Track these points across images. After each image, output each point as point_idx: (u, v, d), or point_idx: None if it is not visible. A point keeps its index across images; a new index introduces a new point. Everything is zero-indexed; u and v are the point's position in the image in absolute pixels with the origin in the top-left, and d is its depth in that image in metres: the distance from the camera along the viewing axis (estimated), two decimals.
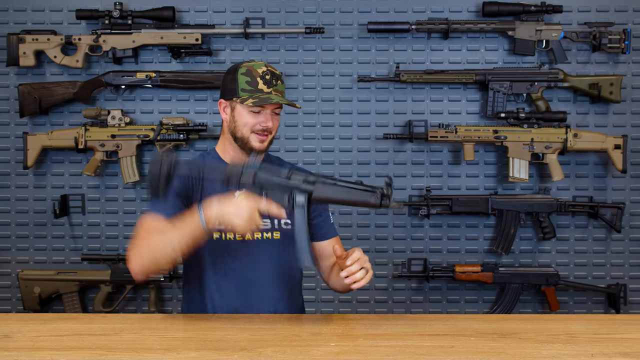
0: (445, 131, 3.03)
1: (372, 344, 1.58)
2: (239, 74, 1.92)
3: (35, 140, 3.06)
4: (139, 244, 1.79)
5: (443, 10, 3.11)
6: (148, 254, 1.75)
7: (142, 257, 1.76)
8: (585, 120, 3.13)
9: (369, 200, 1.67)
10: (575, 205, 3.09)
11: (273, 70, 1.95)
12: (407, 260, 3.13)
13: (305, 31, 3.03)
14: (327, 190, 1.70)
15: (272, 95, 1.90)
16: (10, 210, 3.19)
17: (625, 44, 3.03)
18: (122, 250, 3.17)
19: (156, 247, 1.75)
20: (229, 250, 1.93)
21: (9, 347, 1.55)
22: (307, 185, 1.70)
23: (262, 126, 1.91)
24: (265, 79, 1.91)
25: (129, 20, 3.04)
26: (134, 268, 1.77)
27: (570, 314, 3.08)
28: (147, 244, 1.77)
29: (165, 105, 3.16)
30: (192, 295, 1.99)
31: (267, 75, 1.92)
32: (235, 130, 1.93)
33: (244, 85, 1.91)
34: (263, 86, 1.91)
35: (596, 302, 3.18)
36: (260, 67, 1.93)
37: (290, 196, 1.71)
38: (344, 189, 1.69)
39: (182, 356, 1.48)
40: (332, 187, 1.70)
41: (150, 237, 1.77)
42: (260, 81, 1.91)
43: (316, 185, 1.70)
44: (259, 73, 1.92)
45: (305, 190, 1.71)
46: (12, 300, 3.20)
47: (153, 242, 1.76)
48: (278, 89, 1.94)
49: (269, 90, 1.91)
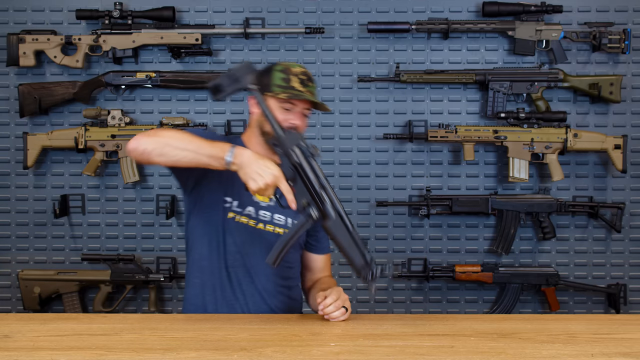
0: (445, 131, 3.03)
1: (372, 344, 1.58)
2: (275, 70, 1.92)
3: (35, 140, 3.06)
4: (156, 131, 1.79)
5: (443, 10, 3.11)
6: (159, 139, 1.75)
7: (150, 138, 1.76)
8: (585, 120, 3.13)
9: (359, 268, 1.70)
10: (575, 205, 3.09)
11: (308, 73, 1.95)
12: (407, 260, 3.13)
13: (305, 31, 3.03)
14: (339, 230, 1.71)
15: (305, 93, 1.90)
16: (10, 210, 3.19)
17: (625, 44, 3.03)
18: (122, 250, 3.17)
19: (170, 140, 1.74)
20: (239, 233, 1.93)
21: (9, 347, 1.55)
22: (330, 210, 1.71)
23: (290, 123, 1.90)
24: (300, 78, 1.91)
25: (129, 20, 3.04)
26: (134, 142, 1.76)
27: (570, 314, 3.08)
28: (163, 134, 1.77)
29: (165, 105, 3.16)
30: (192, 284, 1.99)
31: (302, 75, 1.92)
32: (263, 124, 1.91)
33: (279, 82, 1.90)
34: (297, 85, 1.90)
35: (596, 302, 3.18)
36: (296, 67, 1.94)
37: (309, 203, 1.71)
38: (350, 241, 1.70)
39: (182, 356, 1.48)
40: (343, 230, 1.71)
41: (170, 132, 1.78)
42: (295, 79, 1.91)
43: (334, 217, 1.71)
44: (295, 72, 1.92)
45: (324, 213, 1.71)
46: (12, 300, 3.20)
47: (169, 135, 1.76)
48: (311, 91, 1.93)
49: (302, 89, 1.90)
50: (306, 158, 1.71)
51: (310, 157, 1.72)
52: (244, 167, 1.70)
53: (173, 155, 1.74)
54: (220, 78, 1.75)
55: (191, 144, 1.74)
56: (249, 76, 1.74)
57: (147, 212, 3.18)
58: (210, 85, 1.77)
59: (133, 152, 1.76)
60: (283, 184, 1.70)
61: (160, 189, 3.17)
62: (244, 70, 1.74)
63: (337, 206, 1.71)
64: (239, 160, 1.70)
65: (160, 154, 1.74)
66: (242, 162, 1.70)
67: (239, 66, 1.75)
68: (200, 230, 1.95)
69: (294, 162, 1.71)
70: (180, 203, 3.16)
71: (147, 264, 3.14)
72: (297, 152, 1.71)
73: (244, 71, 1.74)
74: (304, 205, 1.71)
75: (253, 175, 1.68)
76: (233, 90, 1.76)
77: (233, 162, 1.70)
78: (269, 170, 1.69)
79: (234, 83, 1.74)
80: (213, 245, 1.94)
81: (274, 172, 1.69)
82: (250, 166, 1.69)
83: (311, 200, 1.71)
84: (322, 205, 1.71)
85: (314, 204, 1.71)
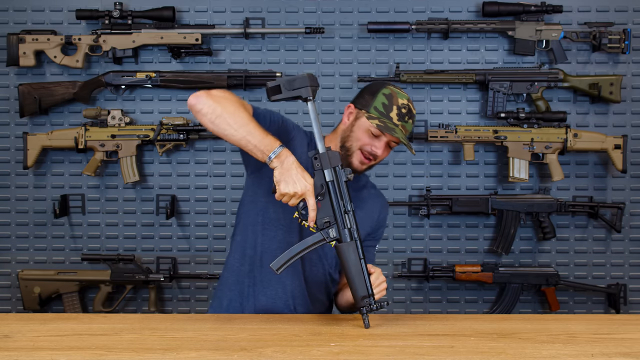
0: (445, 131, 3.03)
1: (372, 344, 1.58)
2: (381, 92, 1.94)
3: (35, 140, 3.06)
4: (223, 94, 1.78)
5: (443, 10, 3.11)
6: (217, 107, 1.74)
7: (210, 101, 1.75)
8: (585, 120, 3.13)
9: (360, 297, 1.71)
10: (575, 205, 3.09)
11: (411, 107, 1.95)
12: (407, 260, 3.13)
13: (305, 31, 3.03)
14: (351, 255, 1.72)
15: (397, 129, 1.91)
16: (10, 210, 3.19)
17: (625, 44, 3.03)
18: (122, 250, 3.17)
19: (227, 113, 1.74)
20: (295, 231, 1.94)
21: (9, 347, 1.55)
22: (347, 233, 1.73)
23: (372, 150, 1.93)
24: (400, 111, 1.92)
25: (129, 20, 3.04)
26: (195, 98, 1.76)
27: (570, 314, 3.08)
28: (225, 104, 1.75)
29: (165, 105, 3.16)
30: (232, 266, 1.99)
31: (403, 108, 1.93)
32: (347, 138, 1.95)
33: (379, 106, 1.92)
34: (395, 116, 1.92)
35: (596, 302, 3.18)
36: (403, 98, 1.94)
37: (330, 222, 1.73)
38: (359, 269, 1.72)
39: (182, 356, 1.48)
40: (355, 257, 1.72)
41: (232, 106, 1.76)
42: (395, 110, 1.92)
43: (349, 244, 1.72)
44: (399, 103, 1.92)
45: (341, 236, 1.73)
46: (12, 300, 3.21)
47: (230, 107, 1.75)
48: (406, 127, 1.94)
49: (397, 123, 1.92)
50: (339, 180, 1.74)
51: (343, 181, 1.74)
52: (283, 169, 1.71)
53: (223, 129, 1.75)
54: (281, 81, 1.75)
55: (244, 126, 1.74)
56: (309, 89, 1.75)
57: (147, 212, 3.18)
58: (270, 85, 1.77)
59: (191, 108, 1.78)
60: (311, 200, 1.71)
61: (160, 189, 3.17)
62: (305, 82, 1.75)
63: (354, 233, 1.74)
64: (281, 160, 1.71)
65: (211, 121, 1.75)
66: (283, 163, 1.71)
67: (301, 76, 1.76)
68: (252, 219, 1.96)
69: (327, 180, 1.73)
70: (180, 203, 3.17)
71: (147, 264, 3.14)
72: (332, 172, 1.73)
73: (305, 83, 1.75)
74: (324, 223, 1.74)
75: (287, 180, 1.70)
76: (290, 97, 1.77)
77: (274, 160, 1.71)
78: (304, 182, 1.70)
79: (293, 91, 1.75)
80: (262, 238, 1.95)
81: (307, 185, 1.70)
82: (289, 171, 1.70)
83: (333, 221, 1.73)
84: (341, 228, 1.73)
85: (335, 225, 1.74)
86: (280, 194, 1.72)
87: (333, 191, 1.73)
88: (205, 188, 3.17)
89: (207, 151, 3.16)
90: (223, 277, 2.03)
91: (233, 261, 1.99)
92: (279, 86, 1.75)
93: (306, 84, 1.74)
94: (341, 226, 1.73)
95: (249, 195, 2.00)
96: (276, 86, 1.76)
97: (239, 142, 1.75)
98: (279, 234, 1.94)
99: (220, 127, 1.75)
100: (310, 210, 1.71)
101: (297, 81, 1.75)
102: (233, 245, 2.02)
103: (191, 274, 3.14)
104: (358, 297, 1.71)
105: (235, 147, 3.10)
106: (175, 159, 3.16)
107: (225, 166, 3.15)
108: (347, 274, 1.73)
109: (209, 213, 3.17)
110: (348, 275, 1.73)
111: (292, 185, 1.70)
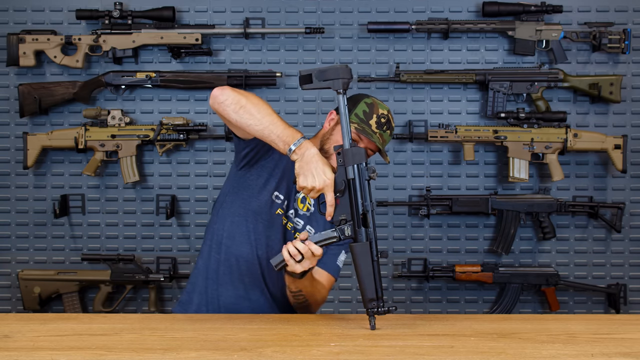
0: (445, 131, 3.03)
1: (372, 344, 1.58)
2: (363, 101, 1.96)
3: (35, 140, 3.06)
4: (245, 92, 1.81)
5: (443, 10, 3.11)
6: (241, 99, 1.77)
7: (235, 94, 1.77)
8: (585, 120, 3.13)
9: (368, 299, 1.68)
10: (575, 205, 3.09)
11: (390, 119, 1.98)
12: (407, 260, 3.13)
13: (305, 31, 3.03)
14: (364, 256, 1.69)
15: (375, 136, 1.93)
16: (10, 210, 3.19)
17: (625, 44, 3.03)
18: (122, 250, 3.17)
19: (250, 105, 1.76)
20: (276, 230, 1.96)
21: (9, 347, 1.55)
22: (363, 233, 1.70)
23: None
24: (380, 120, 1.94)
25: (129, 20, 3.04)
26: (220, 90, 1.79)
27: (570, 314, 3.08)
28: (249, 97, 1.79)
29: (165, 105, 3.16)
30: (208, 256, 2.00)
31: (383, 118, 1.95)
32: (326, 141, 1.95)
33: (360, 113, 1.94)
34: (374, 124, 1.94)
35: (596, 302, 3.18)
36: (384, 109, 1.97)
37: (347, 220, 1.71)
38: (370, 271, 1.69)
39: (182, 356, 1.48)
40: (368, 258, 1.69)
41: (255, 99, 1.79)
42: (374, 118, 1.94)
43: (364, 244, 1.70)
44: (379, 112, 1.95)
45: (356, 235, 1.70)
46: (12, 300, 3.20)
47: (253, 100, 1.78)
48: (383, 136, 1.96)
49: (376, 131, 1.94)
50: (361, 178, 1.72)
51: (366, 179, 1.72)
52: (304, 161, 1.71)
53: (246, 118, 1.76)
54: (313, 71, 1.74)
55: (267, 117, 1.75)
56: (340, 81, 1.73)
57: (147, 212, 3.18)
58: (303, 73, 1.75)
59: (214, 99, 1.79)
60: (330, 195, 1.70)
61: (160, 189, 3.17)
62: (337, 74, 1.73)
63: (371, 234, 1.71)
64: (302, 152, 1.71)
65: (235, 111, 1.77)
66: (304, 155, 1.71)
67: (334, 67, 1.74)
68: (235, 210, 1.97)
69: (349, 177, 1.71)
70: (180, 203, 3.17)
71: (147, 264, 3.14)
72: (356, 169, 1.72)
73: (338, 74, 1.72)
74: (340, 220, 1.72)
75: (307, 173, 1.70)
76: (322, 87, 1.75)
77: (296, 151, 1.71)
78: (324, 175, 1.70)
79: (324, 82, 1.74)
80: (244, 228, 1.96)
81: (327, 179, 1.70)
82: (310, 163, 1.70)
83: (350, 219, 1.71)
84: (358, 227, 1.71)
85: (352, 223, 1.71)
86: (299, 187, 1.72)
87: (353, 189, 1.71)
88: (205, 188, 3.17)
89: (207, 151, 3.16)
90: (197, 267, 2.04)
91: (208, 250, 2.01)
92: (310, 75, 1.74)
93: (338, 76, 1.72)
94: (357, 225, 1.71)
95: (236, 191, 2.00)
96: (308, 75, 1.74)
97: (261, 132, 1.75)
98: (259, 227, 1.95)
99: (243, 118, 1.76)
100: (328, 206, 1.70)
101: (329, 72, 1.73)
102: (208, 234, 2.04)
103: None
104: (366, 299, 1.69)
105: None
106: (175, 159, 3.16)
107: (225, 166, 3.15)
108: (357, 274, 1.71)
109: (209, 213, 3.17)
110: (358, 276, 1.71)
111: (310, 179, 1.69)
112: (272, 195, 1.96)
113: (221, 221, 2.00)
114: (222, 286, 1.98)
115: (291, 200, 1.98)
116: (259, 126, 1.75)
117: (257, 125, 1.75)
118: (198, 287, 2.02)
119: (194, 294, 2.02)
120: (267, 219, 1.96)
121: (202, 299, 2.00)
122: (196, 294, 2.02)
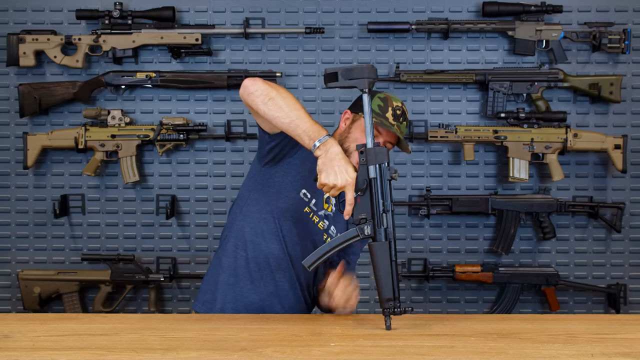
0: (445, 131, 3.03)
1: (372, 344, 1.58)
2: (376, 96, 1.95)
3: (35, 140, 3.06)
4: (276, 85, 1.82)
5: (443, 10, 3.11)
6: (271, 91, 1.77)
7: (265, 86, 1.78)
8: (585, 120, 3.13)
9: (385, 299, 1.69)
10: (575, 205, 3.09)
11: (405, 111, 1.98)
12: (407, 260, 3.13)
13: (305, 31, 3.03)
14: (383, 255, 1.69)
15: (394, 128, 1.93)
16: (10, 210, 3.19)
17: (625, 44, 3.03)
18: (122, 250, 3.17)
19: (279, 98, 1.77)
20: (305, 228, 1.96)
21: (9, 347, 1.55)
22: (382, 233, 1.70)
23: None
24: (395, 113, 1.94)
25: (129, 20, 3.04)
26: (251, 80, 1.80)
27: (570, 314, 3.08)
28: (279, 90, 1.79)
29: (165, 105, 3.16)
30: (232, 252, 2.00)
31: (398, 110, 1.94)
32: (344, 140, 1.94)
33: (375, 107, 1.92)
34: (390, 117, 1.93)
35: (596, 302, 3.18)
36: (397, 101, 1.96)
37: (367, 219, 1.70)
38: (388, 270, 1.70)
39: (182, 356, 1.48)
40: (386, 258, 1.70)
41: (285, 93, 1.80)
42: (390, 111, 1.94)
43: (383, 244, 1.70)
44: (393, 105, 1.94)
45: (376, 234, 1.70)
46: (12, 300, 3.20)
47: (283, 94, 1.78)
48: (401, 128, 1.95)
49: (393, 123, 1.93)
50: (382, 177, 1.71)
51: (387, 179, 1.72)
52: (327, 158, 1.71)
53: (274, 111, 1.76)
54: (339, 69, 1.74)
55: (295, 111, 1.75)
56: (365, 80, 1.72)
57: (147, 212, 3.18)
58: (329, 71, 1.75)
59: (244, 89, 1.80)
60: (350, 193, 1.70)
61: (160, 189, 3.17)
62: (363, 73, 1.72)
63: (390, 234, 1.71)
64: (326, 149, 1.71)
65: (264, 102, 1.77)
66: (328, 151, 1.71)
67: (360, 67, 1.73)
68: (262, 207, 1.96)
69: (371, 176, 1.71)
70: (180, 203, 3.17)
71: (147, 264, 3.14)
72: (378, 169, 1.71)
73: (363, 74, 1.72)
74: (360, 219, 1.71)
75: (330, 170, 1.70)
76: (346, 86, 1.76)
77: (320, 147, 1.71)
78: (346, 174, 1.69)
79: (349, 80, 1.73)
80: (272, 225, 1.95)
81: (349, 178, 1.69)
82: (333, 160, 1.70)
83: (370, 218, 1.71)
84: (377, 226, 1.70)
85: (372, 222, 1.71)
86: (320, 184, 1.72)
87: (374, 188, 1.71)
88: (205, 188, 3.17)
89: (207, 151, 3.16)
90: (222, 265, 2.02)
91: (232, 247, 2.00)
92: (336, 74, 1.74)
93: (364, 75, 1.72)
94: (377, 225, 1.71)
95: (261, 188, 1.99)
96: (334, 73, 1.74)
97: (288, 125, 1.75)
98: (288, 225, 1.95)
99: (271, 110, 1.76)
100: (347, 205, 1.70)
101: (354, 71, 1.73)
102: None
103: (191, 274, 3.14)
104: (383, 299, 1.69)
105: (236, 147, 3.14)
106: (175, 159, 3.16)
107: (225, 166, 3.15)
108: (375, 274, 1.71)
109: (209, 213, 3.17)
110: (376, 275, 1.70)
111: (332, 177, 1.69)
112: (299, 193, 1.95)
113: (246, 218, 1.98)
114: (253, 282, 1.96)
115: (319, 199, 1.97)
116: (285, 119, 1.75)
117: (284, 118, 1.75)
118: (221, 285, 1.98)
119: (217, 292, 1.99)
120: (296, 216, 1.95)
121: (228, 297, 1.97)
122: (220, 293, 1.98)
